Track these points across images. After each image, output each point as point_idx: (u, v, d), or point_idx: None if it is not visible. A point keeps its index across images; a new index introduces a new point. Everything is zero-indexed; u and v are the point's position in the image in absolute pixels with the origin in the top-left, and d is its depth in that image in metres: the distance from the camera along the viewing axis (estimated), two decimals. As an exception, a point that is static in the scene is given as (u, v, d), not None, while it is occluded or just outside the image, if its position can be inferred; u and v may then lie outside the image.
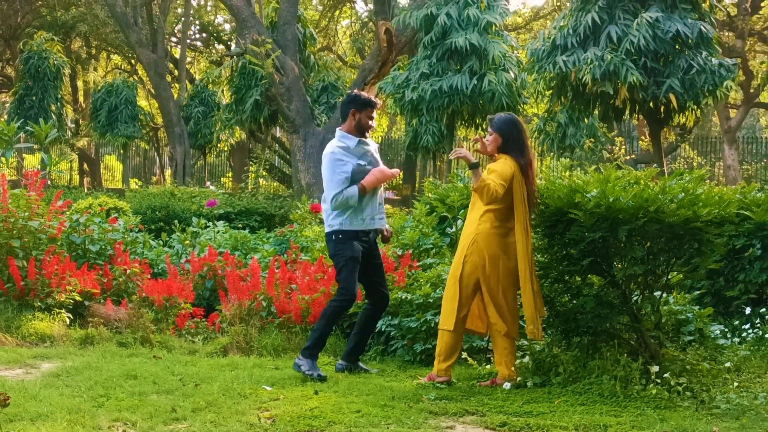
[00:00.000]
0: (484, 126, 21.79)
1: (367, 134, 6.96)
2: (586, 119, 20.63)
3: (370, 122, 6.93)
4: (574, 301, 6.63)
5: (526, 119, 30.16)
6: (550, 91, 14.74)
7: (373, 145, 7.03)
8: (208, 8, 36.94)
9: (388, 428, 5.29)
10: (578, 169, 19.98)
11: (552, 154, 23.11)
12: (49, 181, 15.28)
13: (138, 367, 6.88)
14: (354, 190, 6.73)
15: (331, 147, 6.82)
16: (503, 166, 6.42)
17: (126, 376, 6.53)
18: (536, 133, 23.70)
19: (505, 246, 6.41)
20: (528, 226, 6.36)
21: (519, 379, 6.51)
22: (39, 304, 8.62)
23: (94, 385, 6.21)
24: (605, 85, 13.21)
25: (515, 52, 18.42)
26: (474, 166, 6.32)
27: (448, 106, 17.51)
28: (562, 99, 14.49)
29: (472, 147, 6.76)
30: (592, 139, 22.64)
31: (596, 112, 15.08)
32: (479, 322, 6.65)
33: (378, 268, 7.05)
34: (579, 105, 14.41)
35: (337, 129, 6.96)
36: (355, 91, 7.04)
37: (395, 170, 6.92)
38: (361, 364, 7.16)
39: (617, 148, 26.64)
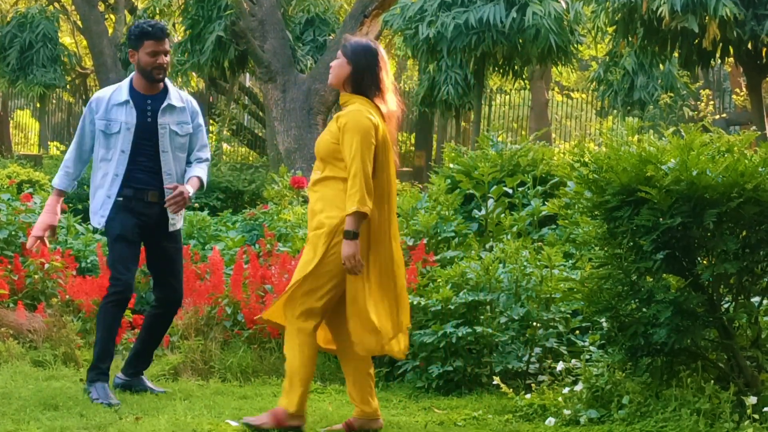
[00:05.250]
0: (525, 75, 21.80)
1: (159, 76, 7.08)
2: (661, 65, 20.58)
3: (154, 60, 7.02)
4: (644, 310, 6.62)
5: (582, 64, 30.14)
6: (614, 28, 14.70)
7: (185, 107, 7.19)
8: None
9: (393, 478, 5.30)
10: (651, 131, 19.95)
11: (616, 111, 23.09)
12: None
13: (59, 393, 6.89)
14: (55, 180, 7.22)
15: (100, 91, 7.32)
16: (359, 116, 6.10)
17: (43, 405, 6.54)
18: (594, 84, 23.65)
19: None
20: (392, 200, 6.22)
21: (569, 413, 6.52)
22: (-73, 309, 8.64)
23: (0, 418, 6.21)
24: (688, 20, 13.17)
25: (568, -27, 18.37)
26: (354, 236, 6.03)
27: (477, 47, 17.46)
28: (630, 38, 14.43)
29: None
30: (670, 93, 22.61)
31: (675, 55, 15.03)
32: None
33: (170, 255, 7.22)
34: (652, 46, 14.36)
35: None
36: (138, 21, 7.21)
37: (39, 229, 7.11)
38: (145, 380, 7.28)
39: (703, 105, 26.60)
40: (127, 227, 6.98)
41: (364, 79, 6.21)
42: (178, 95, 7.21)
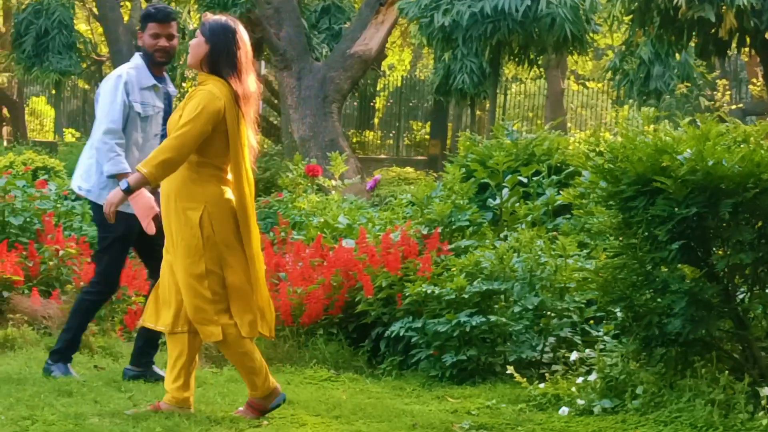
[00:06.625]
0: (540, 62, 21.75)
1: (160, 59, 7.02)
2: (677, 55, 20.51)
3: (156, 42, 6.96)
4: (659, 300, 6.61)
5: (597, 53, 30.03)
6: (630, 17, 14.65)
7: (170, 90, 7.17)
8: None
9: (406, 466, 5.31)
10: (666, 121, 19.89)
11: (631, 101, 23.00)
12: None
13: (74, 380, 6.90)
14: (119, 166, 6.74)
15: (121, 69, 6.99)
16: (209, 97, 6.00)
17: (58, 392, 6.55)
18: (610, 73, 23.59)
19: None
20: (248, 183, 6.12)
21: (582, 402, 6.51)
22: (-58, 295, 8.67)
23: (15, 404, 6.22)
24: (704, 9, 13.12)
25: (584, -38, 18.31)
26: (128, 192, 5.97)
27: (492, 36, 17.43)
28: (646, 27, 14.38)
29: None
30: (686, 82, 22.54)
31: (692, 45, 14.96)
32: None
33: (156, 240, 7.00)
34: (669, 35, 14.30)
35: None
36: (150, 4, 7.16)
37: (152, 207, 6.66)
38: (157, 369, 7.15)
39: (720, 95, 26.54)
40: (130, 227, 6.80)
41: (220, 60, 6.10)
42: (167, 87, 7.19)
